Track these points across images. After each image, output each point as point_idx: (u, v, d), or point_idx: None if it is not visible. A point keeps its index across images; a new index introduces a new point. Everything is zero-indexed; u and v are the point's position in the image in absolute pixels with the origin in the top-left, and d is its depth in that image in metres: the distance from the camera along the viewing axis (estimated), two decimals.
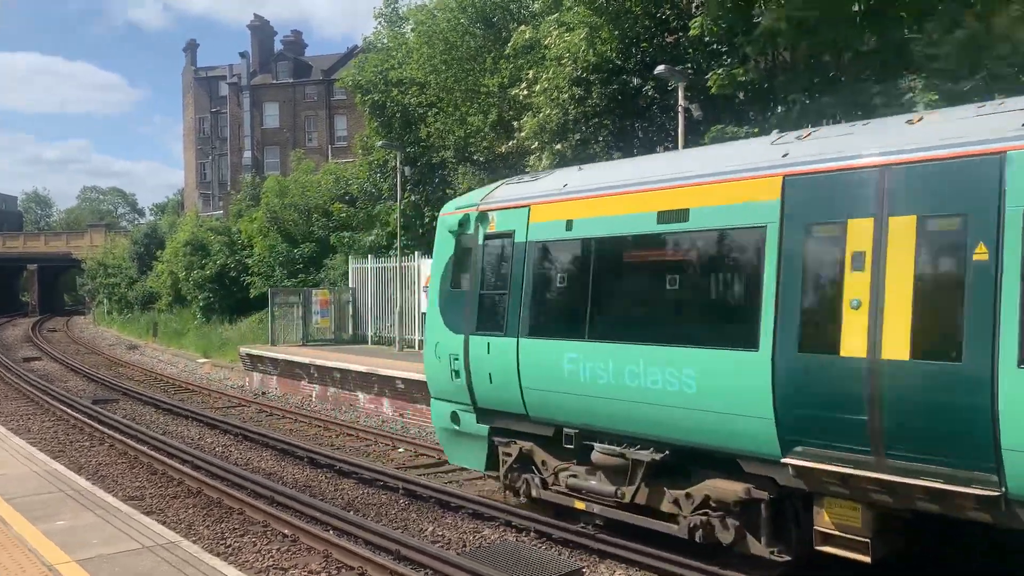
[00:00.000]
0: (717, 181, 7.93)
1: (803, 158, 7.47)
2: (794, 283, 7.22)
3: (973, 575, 7.74)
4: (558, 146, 19.28)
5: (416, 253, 25.55)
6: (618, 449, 8.79)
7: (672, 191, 8.29)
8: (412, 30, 28.68)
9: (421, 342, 19.77)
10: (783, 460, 7.32)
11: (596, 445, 9.01)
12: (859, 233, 6.89)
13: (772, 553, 7.78)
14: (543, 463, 9.89)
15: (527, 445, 10.02)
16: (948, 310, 6.44)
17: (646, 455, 8.56)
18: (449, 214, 11.02)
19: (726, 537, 8.11)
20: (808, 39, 15.83)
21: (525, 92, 21.29)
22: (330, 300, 27.72)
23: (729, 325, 7.89)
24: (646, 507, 8.79)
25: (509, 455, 10.27)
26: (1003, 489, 6.08)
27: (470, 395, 10.27)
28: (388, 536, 9.57)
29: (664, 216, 8.29)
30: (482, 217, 10.36)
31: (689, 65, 18.47)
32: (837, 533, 7.31)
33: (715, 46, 18.09)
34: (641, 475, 8.69)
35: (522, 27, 22.52)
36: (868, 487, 6.88)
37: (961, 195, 6.39)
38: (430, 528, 10.41)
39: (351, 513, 10.87)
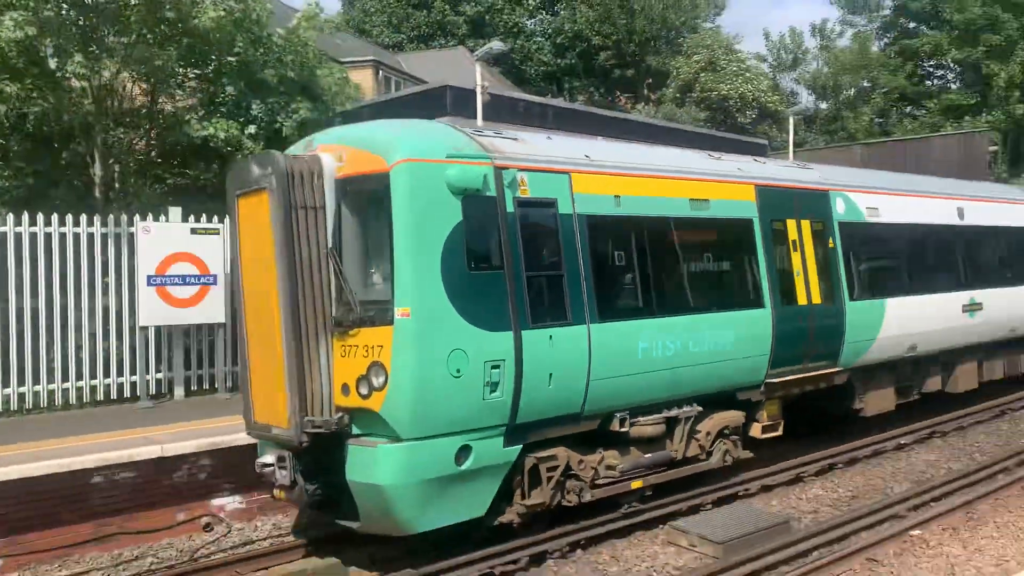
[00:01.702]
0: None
1: None
2: None
3: None
4: None
5: None
6: (663, 415, 9.78)
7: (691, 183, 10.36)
8: None
9: None
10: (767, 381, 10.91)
11: (641, 419, 9.53)
12: None
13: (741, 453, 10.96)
14: (580, 463, 9.14)
15: (562, 451, 8.99)
16: None
17: (693, 410, 10.11)
18: (437, 162, 7.91)
19: (740, 453, 10.85)
20: None
21: None
22: None
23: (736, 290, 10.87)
24: (681, 460, 10.15)
25: (555, 467, 8.90)
26: None
27: (513, 409, 8.25)
28: None
29: (694, 204, 10.27)
30: (508, 177, 8.40)
31: None
32: (767, 422, 11.22)
33: None
34: (688, 429, 10.14)
35: None
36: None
37: None
38: None
39: None
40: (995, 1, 49.25)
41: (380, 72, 37.26)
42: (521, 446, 8.44)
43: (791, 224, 11.52)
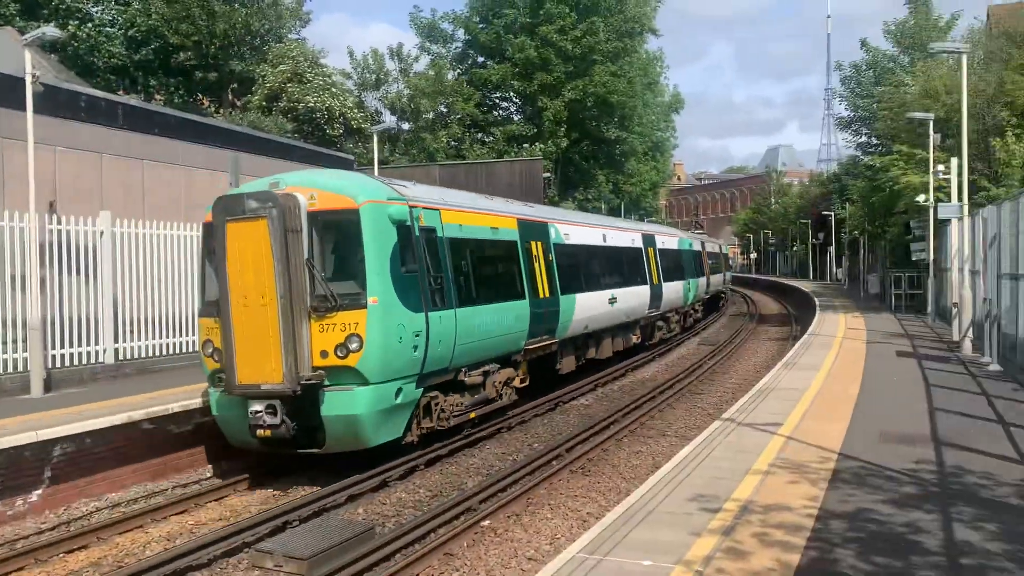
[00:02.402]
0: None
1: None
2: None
3: None
4: None
5: None
6: (482, 370, 14.65)
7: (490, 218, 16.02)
8: None
9: None
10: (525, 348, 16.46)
11: (473, 372, 14.34)
12: None
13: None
14: (446, 401, 13.57)
15: (439, 394, 13.35)
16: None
17: (495, 367, 15.25)
18: (384, 203, 12.13)
19: (514, 396, 16.24)
20: None
21: None
22: None
23: (512, 288, 16.12)
24: (491, 399, 15.12)
25: (437, 403, 13.27)
26: None
27: (423, 364, 12.40)
28: None
29: (492, 231, 15.78)
30: (415, 212, 12.73)
31: None
32: (523, 376, 16.82)
33: None
34: (494, 379, 15.09)
35: None
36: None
37: None
38: None
39: None
40: (548, 46, 56.40)
41: None
42: (423, 389, 12.63)
43: (534, 244, 17.36)
